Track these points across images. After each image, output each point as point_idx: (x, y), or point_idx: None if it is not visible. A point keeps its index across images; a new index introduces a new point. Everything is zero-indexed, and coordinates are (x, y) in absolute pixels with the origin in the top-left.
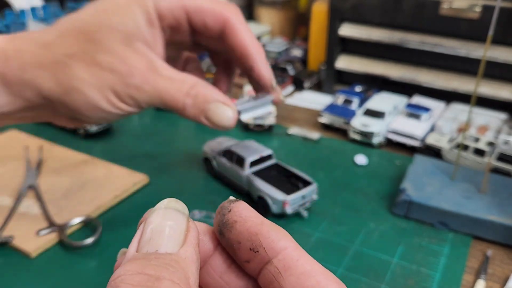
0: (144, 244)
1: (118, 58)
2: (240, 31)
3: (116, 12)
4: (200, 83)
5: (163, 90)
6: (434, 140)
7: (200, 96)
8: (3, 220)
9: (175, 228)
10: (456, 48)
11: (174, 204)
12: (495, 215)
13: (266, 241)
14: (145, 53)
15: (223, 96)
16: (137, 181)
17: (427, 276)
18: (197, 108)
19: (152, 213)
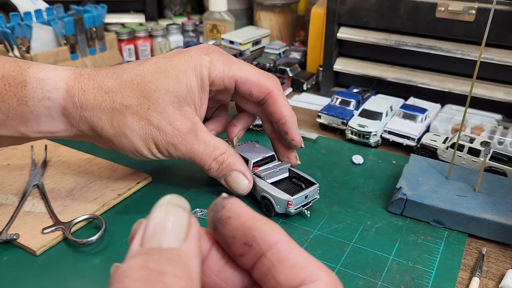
0: (147, 239)
1: (166, 119)
2: (280, 102)
3: (175, 77)
4: (229, 152)
5: (196, 152)
6: (429, 140)
7: (225, 163)
8: (9, 218)
9: (177, 223)
10: (452, 50)
11: (176, 200)
12: (490, 214)
13: (260, 235)
14: (190, 117)
15: (245, 168)
16: (140, 180)
17: (423, 273)
18: (220, 172)
19: (155, 209)
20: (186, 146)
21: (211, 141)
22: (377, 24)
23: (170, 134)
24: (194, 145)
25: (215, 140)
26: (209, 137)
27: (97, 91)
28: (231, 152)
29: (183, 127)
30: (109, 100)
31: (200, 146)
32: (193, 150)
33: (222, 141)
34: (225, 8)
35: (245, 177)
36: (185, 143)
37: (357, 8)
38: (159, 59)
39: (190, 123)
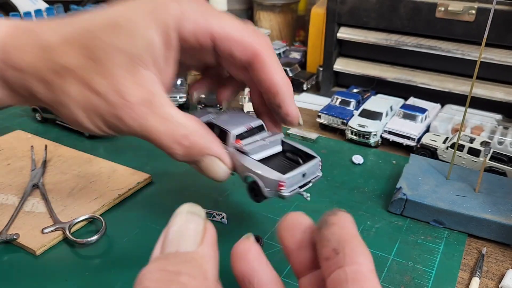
0: (167, 245)
1: (113, 85)
2: (270, 67)
3: (129, 31)
4: (198, 133)
5: (150, 130)
6: (429, 140)
7: (194, 147)
8: (9, 218)
9: (194, 229)
10: (452, 50)
11: (192, 208)
12: (490, 214)
13: (349, 250)
14: (146, 84)
15: (221, 150)
16: (140, 180)
17: (423, 273)
18: (188, 157)
19: (174, 218)
20: (137, 121)
21: (175, 116)
22: (377, 24)
23: (116, 104)
24: (148, 120)
25: (180, 115)
26: (172, 111)
27: (35, 48)
28: (202, 132)
29: (132, 96)
30: (46, 60)
31: (157, 123)
32: (147, 127)
33: (191, 117)
34: (225, 8)
35: (221, 161)
36: (135, 116)
37: (357, 8)
38: (112, 8)
39: (144, 92)
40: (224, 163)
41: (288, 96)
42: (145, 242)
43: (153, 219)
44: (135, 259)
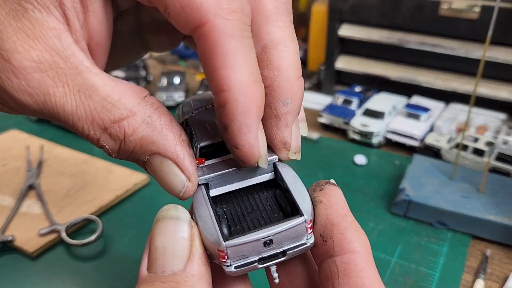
0: (151, 264)
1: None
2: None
3: None
4: (141, 117)
5: (58, 109)
6: (433, 140)
7: (133, 141)
8: (5, 220)
9: (178, 242)
10: (455, 49)
11: (173, 212)
12: (494, 215)
13: (338, 236)
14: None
15: (176, 147)
16: (137, 182)
17: (426, 275)
18: (124, 155)
19: (157, 226)
20: (33, 97)
21: (100, 88)
22: (379, 21)
23: None
24: (52, 95)
25: (111, 86)
26: (97, 80)
27: None
28: (150, 115)
29: (22, 56)
30: None
31: (69, 99)
32: (52, 106)
33: (129, 89)
34: None
35: (177, 167)
36: (29, 90)
37: (359, 5)
38: None
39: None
40: (182, 170)
41: (243, 113)
42: (142, 244)
43: (151, 220)
44: (132, 261)
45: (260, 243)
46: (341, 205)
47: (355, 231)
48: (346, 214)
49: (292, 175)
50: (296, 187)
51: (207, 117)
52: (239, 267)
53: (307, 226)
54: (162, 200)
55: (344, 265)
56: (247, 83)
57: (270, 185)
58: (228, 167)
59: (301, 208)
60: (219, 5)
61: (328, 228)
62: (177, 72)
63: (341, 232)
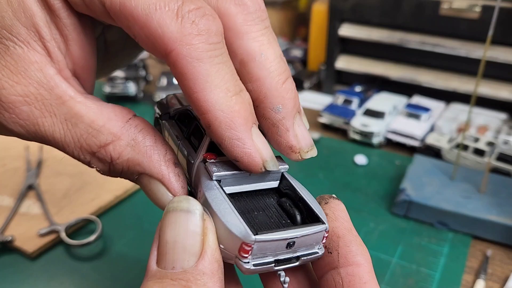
0: (161, 258)
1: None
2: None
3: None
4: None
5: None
6: (434, 140)
7: (121, 163)
8: (4, 220)
9: (189, 237)
10: (456, 48)
11: (184, 204)
12: (495, 215)
13: (344, 248)
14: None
15: (161, 166)
16: None
17: (426, 275)
18: (115, 175)
19: (167, 218)
20: (24, 128)
21: (85, 116)
22: (380, 21)
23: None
24: (41, 125)
25: (95, 113)
26: (81, 109)
27: None
28: (133, 138)
29: (9, 92)
30: None
31: (57, 127)
32: (42, 134)
33: (113, 113)
34: None
35: (164, 187)
36: (20, 122)
37: (359, 5)
38: None
39: (27, 83)
40: (168, 189)
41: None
42: (142, 244)
43: (151, 220)
44: (132, 262)
45: (284, 243)
46: (346, 219)
47: (359, 244)
48: (350, 228)
49: (300, 185)
50: (308, 196)
51: None
52: (257, 265)
53: (325, 235)
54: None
55: (349, 277)
56: (223, 100)
57: (272, 192)
58: None
59: (321, 217)
60: (181, 32)
61: (333, 240)
62: None
63: (346, 245)
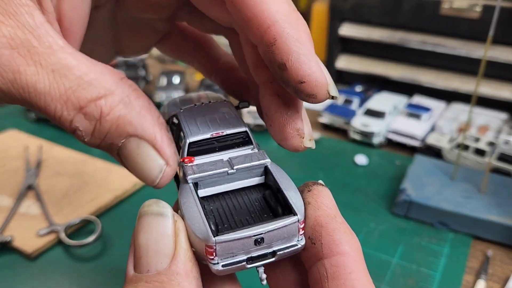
0: (136, 263)
1: None
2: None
3: None
4: (118, 95)
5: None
6: (434, 140)
7: (110, 122)
8: (3, 220)
9: (160, 239)
10: (457, 48)
11: (154, 207)
12: (495, 215)
13: (327, 238)
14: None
15: (155, 129)
16: (137, 182)
17: (427, 276)
18: (98, 138)
19: (139, 223)
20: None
21: (76, 67)
22: (380, 21)
23: None
24: (21, 72)
25: (86, 65)
26: (70, 59)
27: None
28: (127, 95)
29: None
30: None
31: (42, 77)
32: (21, 85)
33: (106, 69)
34: None
35: (156, 151)
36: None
37: (359, 4)
38: None
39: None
40: (160, 153)
41: (296, 42)
42: None
43: None
44: None
45: (250, 241)
46: (330, 206)
47: (344, 232)
48: (334, 215)
49: (284, 175)
50: (288, 186)
51: (196, 113)
52: (227, 265)
53: (299, 226)
54: (162, 199)
55: (333, 267)
56: (289, 11)
57: (260, 188)
58: (219, 167)
59: (294, 207)
60: None
61: (316, 230)
62: (176, 72)
63: (329, 234)
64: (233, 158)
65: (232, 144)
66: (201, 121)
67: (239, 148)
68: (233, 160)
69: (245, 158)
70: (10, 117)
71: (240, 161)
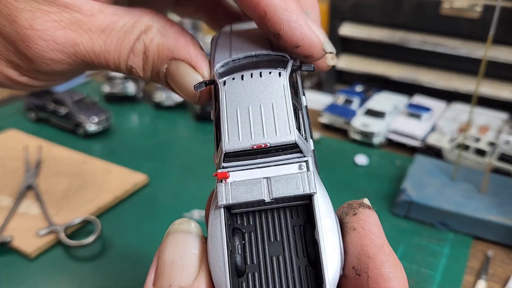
0: (158, 277)
1: None
2: None
3: None
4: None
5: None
6: (434, 140)
7: (153, 52)
8: (3, 220)
9: (187, 256)
10: (457, 48)
11: (185, 226)
12: (496, 215)
13: (374, 271)
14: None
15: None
16: (137, 182)
17: (427, 276)
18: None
19: (167, 240)
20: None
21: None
22: (381, 21)
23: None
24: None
25: (125, 13)
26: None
27: None
28: (163, 25)
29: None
30: None
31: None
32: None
33: (142, 11)
34: None
35: (192, 68)
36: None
37: (360, 4)
38: None
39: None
40: (196, 68)
41: (285, 11)
42: (141, 245)
43: (150, 221)
44: (131, 262)
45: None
46: (377, 234)
47: (392, 265)
48: (382, 245)
49: (330, 216)
50: (329, 235)
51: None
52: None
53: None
54: (162, 201)
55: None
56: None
57: (301, 210)
58: (255, 192)
59: (325, 277)
60: None
61: (362, 261)
62: None
63: (377, 267)
64: (274, 179)
65: (277, 149)
66: (243, 116)
67: (285, 156)
68: (272, 183)
69: (287, 182)
70: (9, 117)
71: (280, 186)
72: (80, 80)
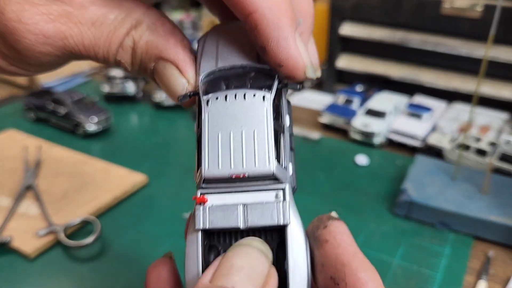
0: (219, 277)
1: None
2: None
3: None
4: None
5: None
6: (435, 140)
7: (140, 47)
8: (2, 220)
9: (256, 269)
10: (458, 48)
11: (259, 244)
12: (497, 216)
13: (352, 278)
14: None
15: (178, 52)
16: (136, 182)
17: (428, 277)
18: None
19: (235, 248)
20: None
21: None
22: (381, 20)
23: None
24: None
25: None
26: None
27: None
28: (153, 22)
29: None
30: None
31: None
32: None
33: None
34: None
35: (178, 71)
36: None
37: (360, 4)
38: None
39: None
40: (182, 73)
41: (276, 28)
42: (141, 245)
43: (150, 221)
44: (131, 263)
45: None
46: (349, 242)
47: (367, 269)
48: (355, 252)
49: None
50: (298, 265)
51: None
52: None
53: None
54: (161, 201)
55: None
56: None
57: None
58: (231, 219)
59: None
60: None
61: (339, 269)
62: None
63: (353, 273)
64: (250, 207)
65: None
66: (223, 143)
67: (263, 182)
68: (248, 211)
69: (263, 211)
70: (9, 117)
71: (256, 215)
72: (79, 80)
